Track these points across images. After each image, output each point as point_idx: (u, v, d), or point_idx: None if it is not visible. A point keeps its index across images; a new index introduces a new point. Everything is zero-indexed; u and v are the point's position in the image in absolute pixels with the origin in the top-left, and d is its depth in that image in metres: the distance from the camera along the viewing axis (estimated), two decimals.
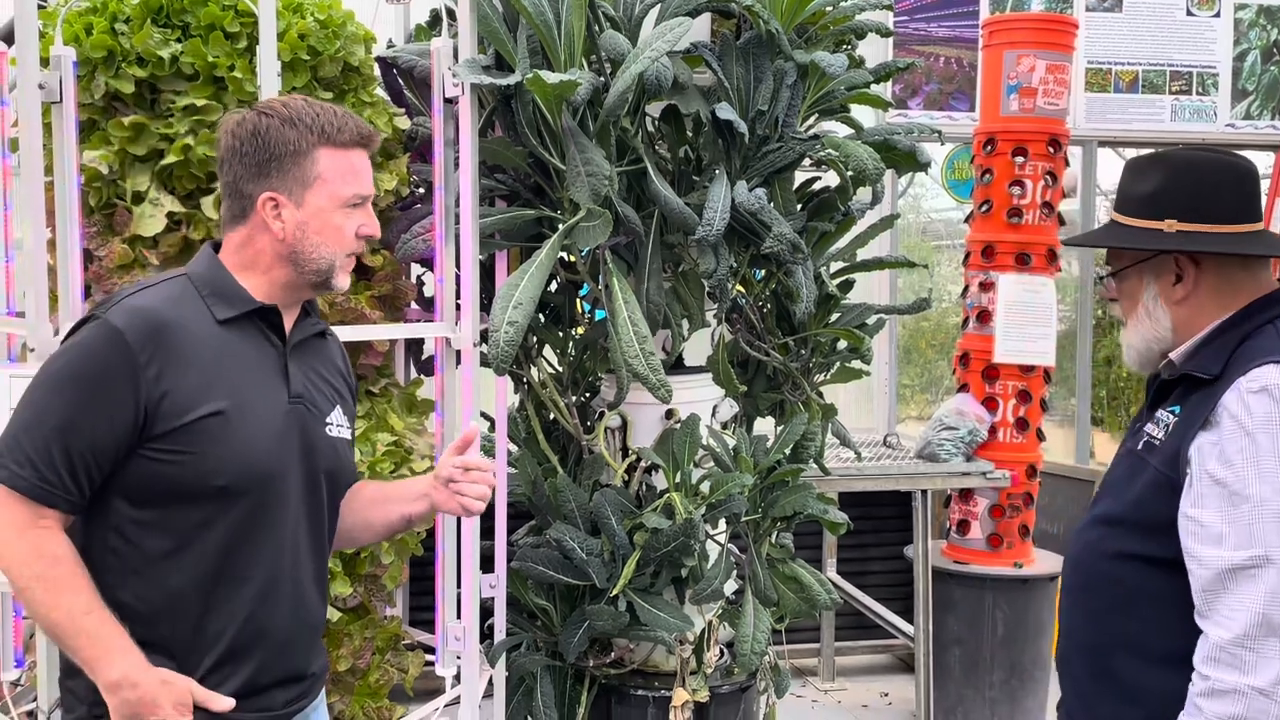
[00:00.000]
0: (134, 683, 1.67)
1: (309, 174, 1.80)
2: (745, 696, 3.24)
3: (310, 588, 1.87)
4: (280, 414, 1.80)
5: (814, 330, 3.32)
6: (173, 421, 1.69)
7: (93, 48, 2.55)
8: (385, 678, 2.95)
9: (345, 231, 1.84)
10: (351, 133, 1.83)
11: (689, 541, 2.92)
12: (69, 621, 1.67)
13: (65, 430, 1.67)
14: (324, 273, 1.83)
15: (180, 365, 1.71)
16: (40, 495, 1.67)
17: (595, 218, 2.74)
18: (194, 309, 1.77)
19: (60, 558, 1.68)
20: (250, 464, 1.74)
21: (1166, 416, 1.85)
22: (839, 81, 3.03)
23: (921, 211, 8.06)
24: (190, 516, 1.72)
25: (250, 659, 1.78)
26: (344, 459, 1.94)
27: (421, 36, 3.21)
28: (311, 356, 1.92)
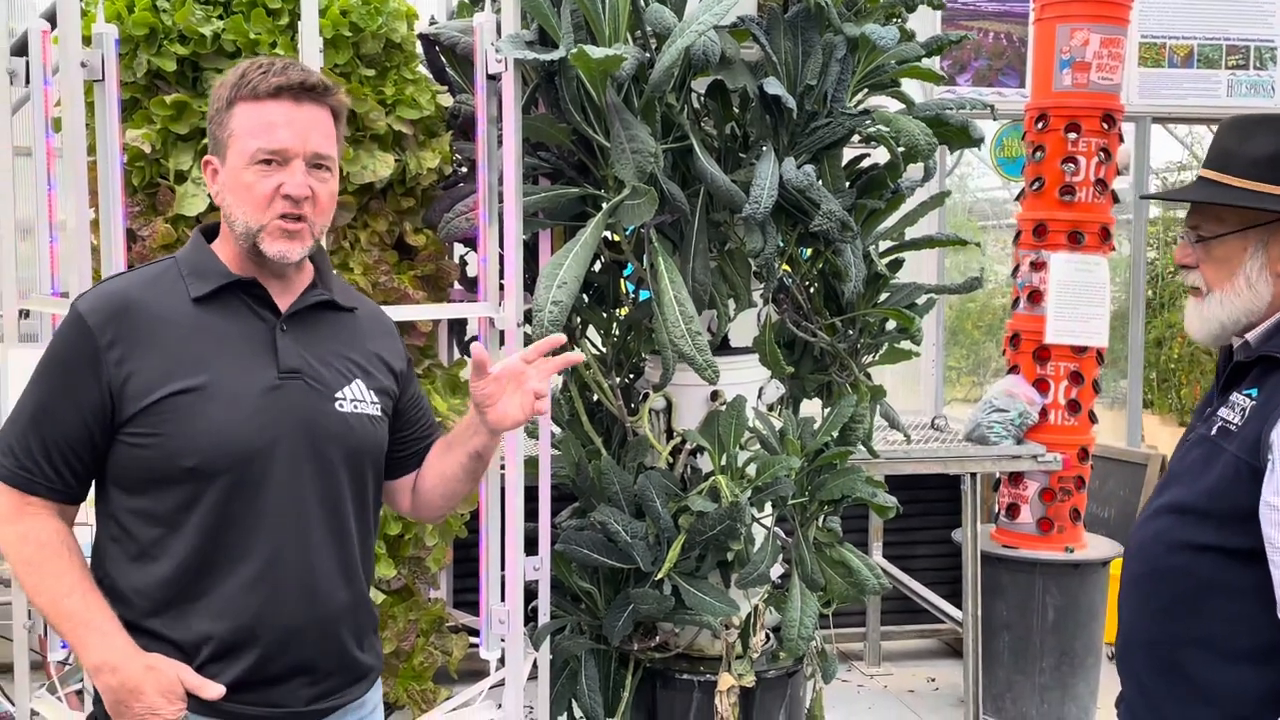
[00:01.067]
0: (114, 667, 1.64)
1: (225, 131, 1.72)
2: (791, 682, 3.20)
3: (328, 576, 1.76)
4: (262, 390, 1.71)
5: (862, 310, 3.26)
6: (139, 403, 1.66)
7: (135, 25, 2.53)
8: (429, 660, 2.93)
9: (255, 191, 1.69)
10: (267, 84, 1.69)
11: (735, 525, 2.87)
12: (52, 605, 1.67)
13: (39, 418, 1.68)
14: (247, 238, 1.72)
15: (144, 346, 1.67)
16: (21, 482, 1.69)
17: (640, 195, 2.69)
18: (169, 288, 1.73)
19: (44, 543, 1.68)
20: (222, 443, 1.67)
21: (1242, 400, 1.75)
22: (889, 55, 2.96)
23: (968, 190, 7.95)
24: (169, 500, 1.68)
25: (253, 651, 1.70)
26: (364, 435, 1.81)
27: (464, 12, 3.18)
28: (319, 329, 1.81)
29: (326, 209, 1.77)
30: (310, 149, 1.71)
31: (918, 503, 4.80)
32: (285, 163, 1.70)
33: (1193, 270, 1.85)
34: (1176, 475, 1.85)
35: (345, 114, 1.83)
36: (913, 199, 3.37)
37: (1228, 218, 1.80)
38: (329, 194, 1.77)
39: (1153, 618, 1.83)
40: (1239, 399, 1.76)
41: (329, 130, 1.76)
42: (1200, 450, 1.80)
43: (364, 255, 2.75)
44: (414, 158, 2.83)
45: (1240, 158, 1.80)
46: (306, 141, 1.71)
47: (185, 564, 1.68)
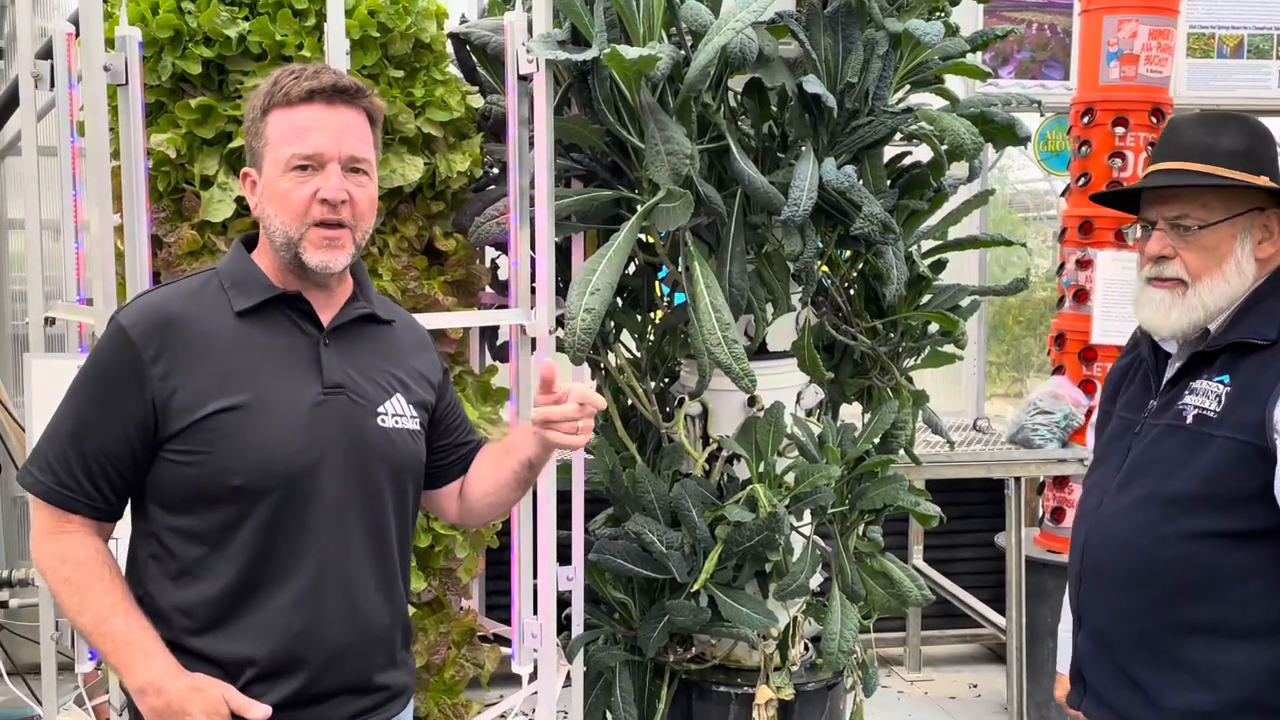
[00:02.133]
0: (159, 689, 1.61)
1: (261, 141, 1.70)
2: (831, 694, 3.12)
3: (369, 594, 1.75)
4: (309, 406, 1.69)
5: (904, 313, 3.17)
6: (184, 419, 1.63)
7: (159, 28, 2.48)
8: (461, 673, 2.88)
9: (291, 198, 1.66)
10: (299, 89, 1.66)
11: (773, 535, 2.80)
12: (94, 625, 1.64)
13: (78, 434, 1.65)
14: (286, 247, 1.69)
15: (188, 361, 1.65)
16: (61, 500, 1.66)
17: (675, 198, 2.61)
18: (213, 302, 1.70)
19: (84, 561, 1.65)
20: (269, 460, 1.64)
21: (1215, 387, 1.82)
22: (933, 51, 2.86)
23: (1008, 183, 7.84)
24: (215, 519, 1.65)
25: (299, 669, 1.68)
26: (405, 451, 1.80)
27: (495, 11, 3.11)
28: (361, 343, 1.79)
29: (366, 213, 1.74)
30: (345, 152, 1.68)
31: (959, 505, 4.71)
32: (321, 167, 1.67)
33: (1170, 261, 1.88)
34: (1143, 466, 1.89)
35: (381, 118, 1.79)
36: (955, 198, 3.28)
37: (1215, 206, 1.86)
38: (368, 198, 1.73)
39: (1150, 611, 1.85)
40: (1208, 386, 1.83)
41: (364, 133, 1.73)
42: (1175, 439, 1.84)
43: (393, 261, 2.69)
44: (444, 160, 2.77)
45: (1219, 150, 1.88)
46: (340, 145, 1.68)
47: (230, 583, 1.66)
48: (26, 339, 4.62)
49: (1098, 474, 2.01)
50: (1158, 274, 1.88)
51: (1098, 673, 1.93)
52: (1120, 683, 1.88)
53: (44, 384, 2.36)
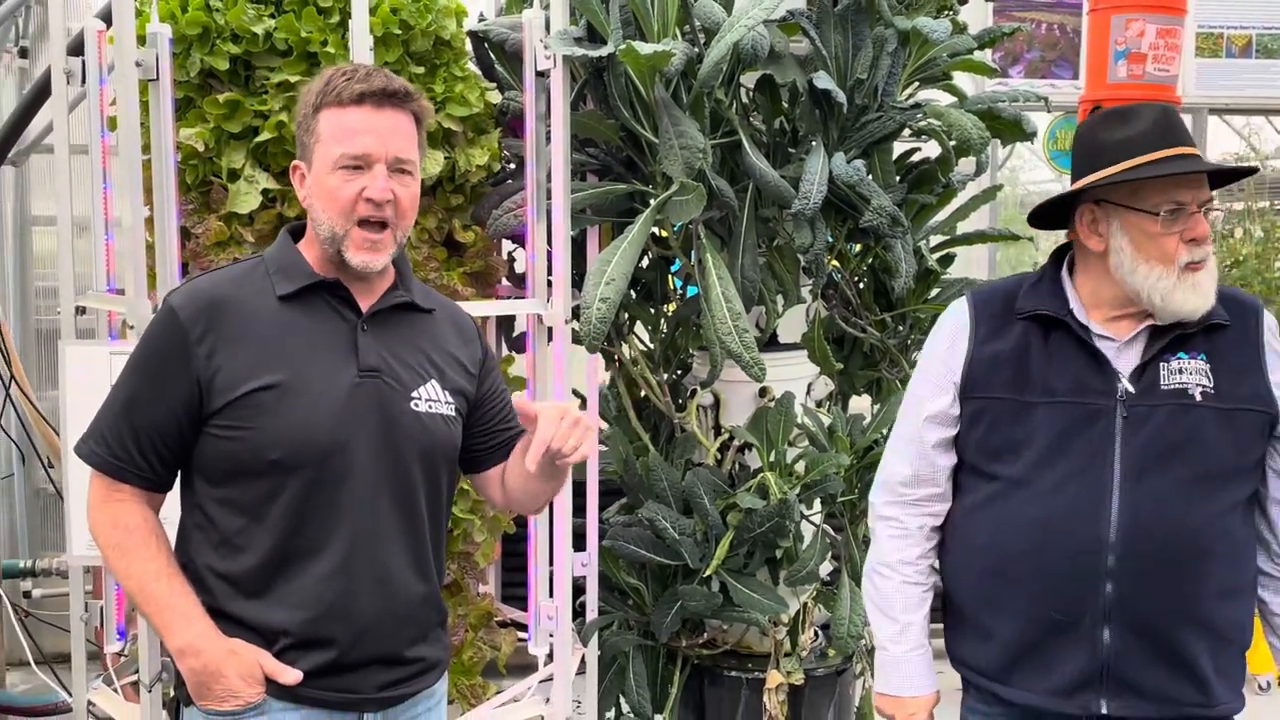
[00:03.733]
0: (197, 650, 1.70)
1: (312, 138, 1.77)
2: (841, 680, 3.18)
3: (401, 570, 1.81)
4: (345, 388, 1.76)
5: (913, 306, 3.23)
6: (226, 396, 1.71)
7: (188, 25, 2.55)
8: (478, 655, 2.95)
9: (339, 196, 1.74)
10: (350, 91, 1.73)
11: (784, 522, 2.86)
12: (139, 588, 1.74)
13: (129, 409, 1.75)
14: (331, 243, 1.76)
15: (233, 341, 1.73)
16: (112, 470, 1.76)
17: (689, 191, 2.68)
18: (257, 286, 1.79)
19: (133, 528, 1.75)
20: (305, 437, 1.72)
21: (1199, 364, 1.90)
22: (941, 48, 2.92)
23: (1019, 184, 7.87)
24: (253, 492, 1.74)
25: (332, 640, 1.75)
26: (437, 434, 1.85)
27: (512, 9, 3.18)
28: (399, 330, 1.85)
29: (408, 212, 1.81)
30: (392, 153, 1.75)
31: None
32: (368, 167, 1.74)
33: (1204, 244, 1.90)
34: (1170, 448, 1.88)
35: (427, 119, 1.87)
36: (964, 193, 3.33)
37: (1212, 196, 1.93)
38: (411, 198, 1.81)
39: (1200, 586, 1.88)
40: (1195, 364, 1.90)
41: (410, 134, 1.80)
42: (1194, 417, 1.88)
43: (414, 252, 2.76)
44: (463, 155, 2.84)
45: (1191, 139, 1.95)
46: (388, 146, 1.75)
47: (267, 554, 1.74)
48: (51, 333, 4.72)
49: (1064, 466, 1.91)
50: (1202, 257, 1.89)
51: (1138, 665, 1.89)
52: (1168, 665, 1.88)
53: (78, 369, 2.44)
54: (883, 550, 2.12)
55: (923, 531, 2.09)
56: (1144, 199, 1.88)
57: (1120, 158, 1.89)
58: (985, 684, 2.01)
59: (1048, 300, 1.98)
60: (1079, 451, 1.90)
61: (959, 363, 2.01)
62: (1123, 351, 1.93)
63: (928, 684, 2.08)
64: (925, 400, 2.05)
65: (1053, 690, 1.93)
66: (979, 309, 2.03)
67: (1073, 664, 1.91)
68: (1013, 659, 1.96)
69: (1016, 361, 1.96)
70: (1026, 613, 1.94)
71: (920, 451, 2.06)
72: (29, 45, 4.50)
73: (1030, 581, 1.93)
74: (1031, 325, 1.97)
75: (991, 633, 1.98)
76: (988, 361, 1.99)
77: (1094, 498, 1.89)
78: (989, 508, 1.99)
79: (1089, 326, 1.94)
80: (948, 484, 2.07)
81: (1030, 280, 2.03)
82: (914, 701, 2.07)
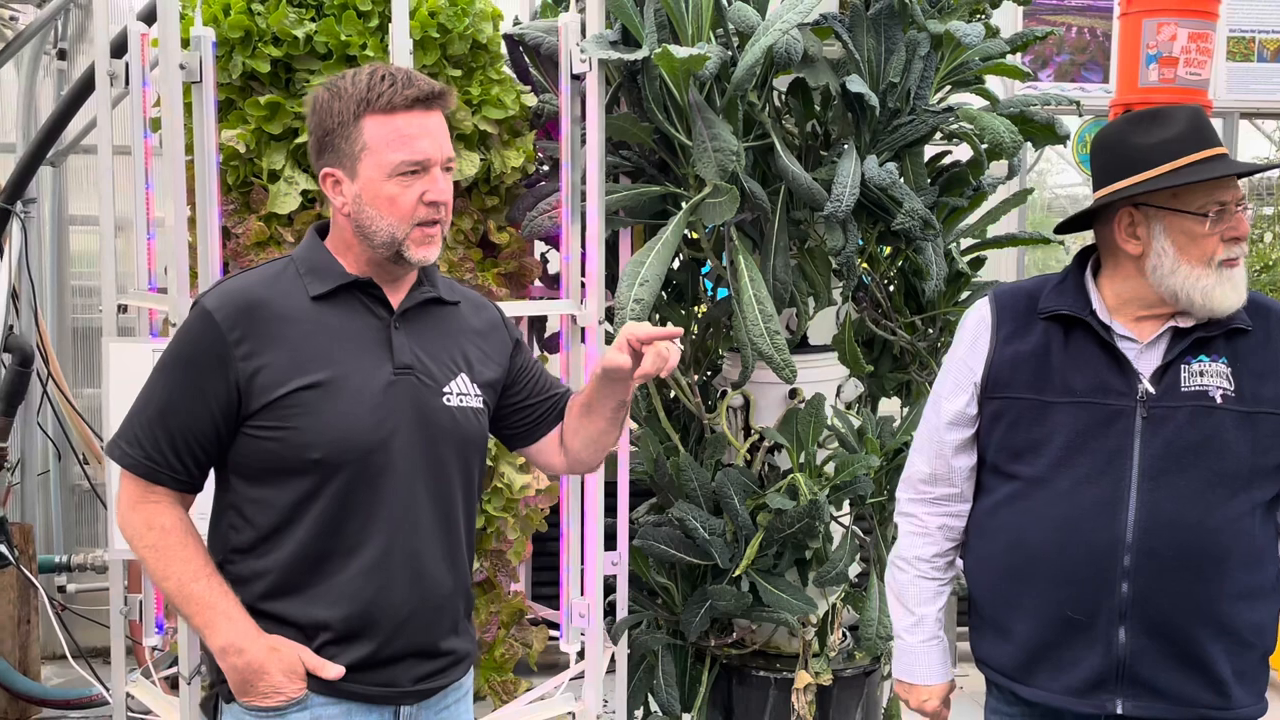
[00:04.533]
0: (239, 649, 1.72)
1: (355, 145, 1.75)
2: (869, 681, 3.19)
3: (435, 564, 1.84)
4: (381, 386, 1.78)
5: (943, 308, 3.24)
6: (266, 397, 1.72)
7: (230, 28, 2.60)
8: (510, 652, 2.98)
9: (401, 201, 1.75)
10: (397, 95, 1.74)
11: (813, 523, 2.88)
12: (179, 589, 1.75)
13: (166, 411, 1.75)
14: (389, 246, 1.77)
15: (271, 342, 1.74)
16: (147, 472, 1.76)
17: (722, 193, 2.70)
18: (290, 287, 1.79)
19: (169, 529, 1.76)
20: (345, 436, 1.74)
21: (1220, 368, 1.90)
22: (974, 52, 2.93)
23: (1047, 187, 7.85)
24: (293, 490, 1.74)
25: (370, 634, 1.78)
26: (469, 429, 1.88)
27: (548, 13, 3.21)
28: (428, 325, 1.88)
29: (451, 208, 1.85)
30: (445, 154, 1.79)
31: None
32: (426, 170, 1.76)
33: (1242, 241, 1.92)
34: (1189, 448, 1.89)
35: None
36: (994, 196, 3.34)
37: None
38: (452, 194, 1.84)
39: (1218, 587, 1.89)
40: (1215, 367, 1.91)
41: (448, 132, 1.83)
42: (1215, 419, 1.89)
43: (449, 253, 2.79)
44: (498, 156, 2.87)
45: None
46: (440, 148, 1.78)
47: (305, 551, 1.75)
48: (87, 332, 4.79)
49: (1083, 466, 1.93)
50: (1239, 254, 1.91)
51: (1154, 666, 1.90)
52: (1185, 666, 1.90)
53: (120, 365, 2.49)
54: (902, 544, 2.18)
55: (942, 531, 2.12)
56: (1189, 201, 1.88)
57: (1158, 161, 1.89)
58: (1005, 683, 2.04)
59: (1070, 301, 1.99)
60: (1098, 451, 1.92)
61: (980, 362, 2.03)
62: (1144, 353, 1.94)
63: (940, 674, 2.15)
64: (944, 399, 2.09)
65: (1069, 689, 1.95)
66: (1001, 308, 2.04)
67: (1089, 663, 1.93)
68: (1030, 658, 1.98)
69: (1037, 361, 1.98)
70: (1044, 612, 1.96)
71: (938, 451, 2.09)
72: (67, 47, 4.56)
73: (1048, 581, 1.95)
74: (1053, 325, 1.99)
75: (1010, 632, 2.00)
76: (1009, 361, 2.00)
77: (1112, 498, 1.90)
78: (1009, 507, 2.01)
79: (1111, 327, 1.95)
80: (966, 484, 2.09)
81: (1053, 281, 2.04)
82: (926, 689, 2.16)
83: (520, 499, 2.87)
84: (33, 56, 4.27)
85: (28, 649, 4.17)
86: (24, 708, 4.08)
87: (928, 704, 2.16)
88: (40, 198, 4.52)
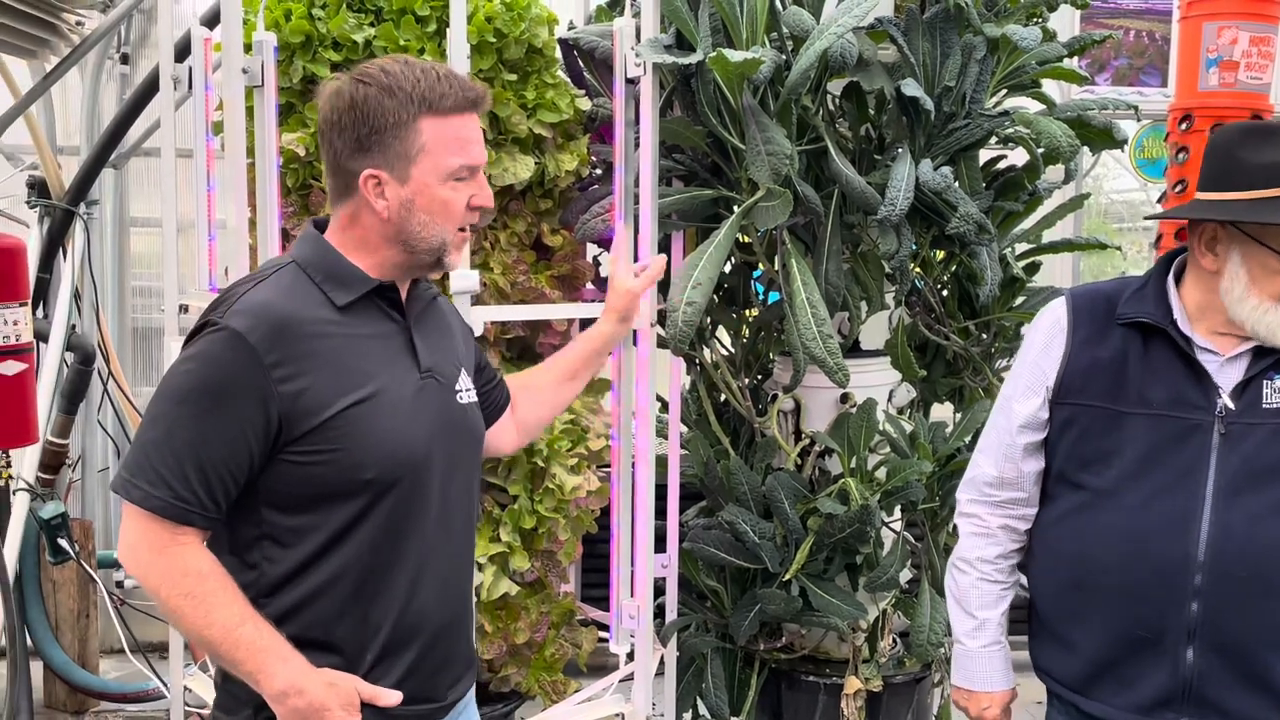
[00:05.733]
0: (300, 689, 1.60)
1: (411, 147, 1.66)
2: (919, 687, 3.17)
3: (461, 568, 1.80)
4: (413, 392, 1.71)
5: (998, 314, 3.22)
6: (312, 420, 1.61)
7: (291, 33, 2.64)
8: (560, 652, 2.99)
9: (454, 206, 1.70)
10: (457, 97, 1.67)
11: (864, 528, 2.87)
12: (225, 636, 1.59)
13: (196, 445, 1.58)
14: (435, 252, 1.71)
15: (309, 361, 1.62)
16: (177, 514, 1.60)
17: (775, 197, 2.70)
18: (311, 298, 1.67)
19: (205, 573, 1.61)
20: (396, 450, 1.66)
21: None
22: (1030, 55, 2.91)
23: (1103, 193, 7.77)
24: (342, 514, 1.65)
25: (411, 647, 1.72)
26: (479, 425, 1.86)
27: (602, 17, 3.23)
28: (430, 325, 1.82)
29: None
30: (485, 158, 1.76)
31: None
32: (474, 175, 1.72)
33: None
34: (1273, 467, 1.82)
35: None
36: (1050, 201, 3.32)
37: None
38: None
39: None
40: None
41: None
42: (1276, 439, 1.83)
43: (503, 255, 2.82)
44: (552, 160, 2.89)
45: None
46: (484, 153, 1.75)
47: (352, 574, 1.67)
48: (146, 332, 4.87)
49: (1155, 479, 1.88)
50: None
51: (1221, 687, 1.86)
52: (1253, 688, 1.85)
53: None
54: (963, 546, 2.13)
55: (1005, 531, 2.07)
56: (1273, 237, 1.81)
57: (1259, 184, 1.81)
58: (1067, 695, 2.00)
59: (1151, 308, 1.91)
60: (1172, 466, 1.86)
61: (1054, 366, 1.97)
62: (1225, 367, 1.88)
63: (1003, 680, 2.10)
64: (1015, 401, 2.02)
65: (1133, 707, 1.91)
66: (1078, 310, 1.98)
67: (1154, 682, 1.88)
68: (1094, 672, 1.94)
69: (1114, 369, 1.91)
70: (1109, 627, 1.91)
71: (1007, 454, 2.03)
72: (130, 52, 4.65)
73: (1114, 596, 1.90)
74: (1131, 332, 1.92)
75: (1074, 644, 1.96)
76: (1085, 367, 1.94)
77: (1184, 514, 1.85)
78: (1076, 518, 1.96)
79: (1192, 338, 1.89)
80: (1034, 489, 2.05)
81: (1134, 285, 1.97)
82: (987, 696, 2.10)
83: (571, 500, 2.88)
84: (96, 61, 4.35)
85: (87, 643, 4.25)
86: (83, 700, 4.16)
87: (988, 712, 2.11)
88: (102, 200, 4.60)
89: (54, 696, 4.16)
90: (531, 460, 2.80)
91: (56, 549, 3.67)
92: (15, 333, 2.93)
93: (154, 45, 4.54)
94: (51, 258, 4.04)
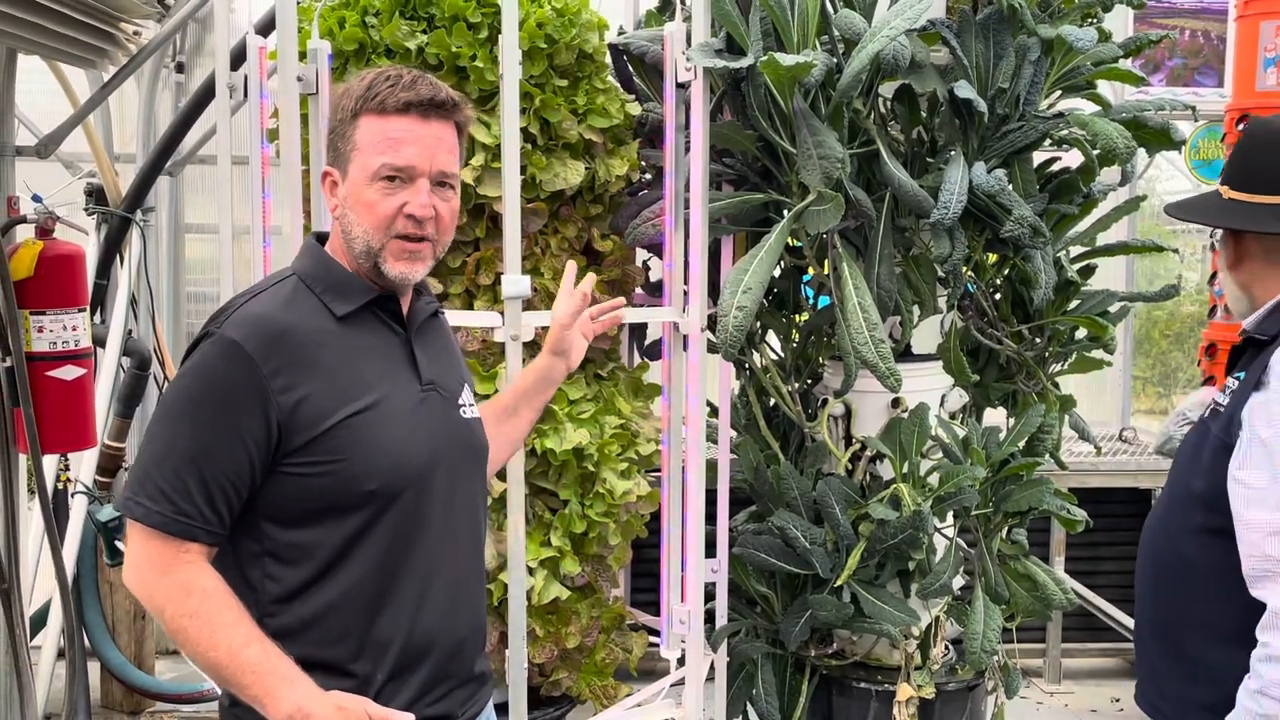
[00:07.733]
0: (307, 713, 1.53)
1: (349, 145, 1.64)
2: (973, 695, 3.14)
3: (471, 583, 1.76)
4: (414, 404, 1.68)
5: (1052, 318, 3.18)
6: (311, 431, 1.58)
7: (345, 41, 2.66)
8: (611, 656, 2.99)
9: (379, 209, 1.62)
10: (395, 99, 1.61)
11: (917, 534, 2.84)
12: (230, 658, 1.54)
13: (197, 458, 1.56)
14: (368, 256, 1.65)
15: (307, 370, 1.59)
16: (180, 530, 1.56)
17: (826, 201, 2.69)
18: (310, 308, 1.65)
19: (210, 591, 1.56)
20: (399, 461, 1.62)
21: (1232, 383, 1.79)
22: (1085, 56, 2.88)
23: (1157, 194, 7.68)
24: (346, 527, 1.61)
25: (423, 664, 1.68)
26: (483, 440, 1.83)
27: (652, 22, 3.23)
28: (431, 338, 1.79)
29: (449, 227, 1.72)
30: (436, 167, 1.65)
31: (1103, 516, 4.61)
32: (410, 181, 1.64)
33: None
34: (1177, 464, 1.90)
35: (469, 128, 1.77)
36: (1104, 203, 3.28)
37: None
38: (451, 212, 1.71)
39: (1157, 603, 1.89)
40: (1231, 382, 1.80)
41: (454, 147, 1.69)
42: (1194, 436, 1.85)
43: (554, 260, 2.82)
44: (603, 165, 2.90)
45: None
46: (433, 160, 1.65)
47: (356, 592, 1.62)
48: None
49: None
50: None
51: (1138, 660, 1.98)
52: (1149, 673, 1.93)
53: None
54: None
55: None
56: None
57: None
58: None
59: None
60: None
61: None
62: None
63: None
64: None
65: None
66: None
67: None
68: None
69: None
70: None
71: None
72: (185, 60, 4.71)
73: None
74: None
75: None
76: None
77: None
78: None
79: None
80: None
81: None
82: None
83: (622, 504, 2.88)
84: (152, 70, 4.40)
85: (143, 644, 4.31)
86: (138, 700, 4.21)
87: None
88: (158, 206, 4.66)
89: (110, 697, 4.22)
90: (582, 465, 2.80)
91: (114, 551, 3.73)
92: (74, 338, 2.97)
93: (209, 54, 4.60)
94: (109, 264, 4.09)
